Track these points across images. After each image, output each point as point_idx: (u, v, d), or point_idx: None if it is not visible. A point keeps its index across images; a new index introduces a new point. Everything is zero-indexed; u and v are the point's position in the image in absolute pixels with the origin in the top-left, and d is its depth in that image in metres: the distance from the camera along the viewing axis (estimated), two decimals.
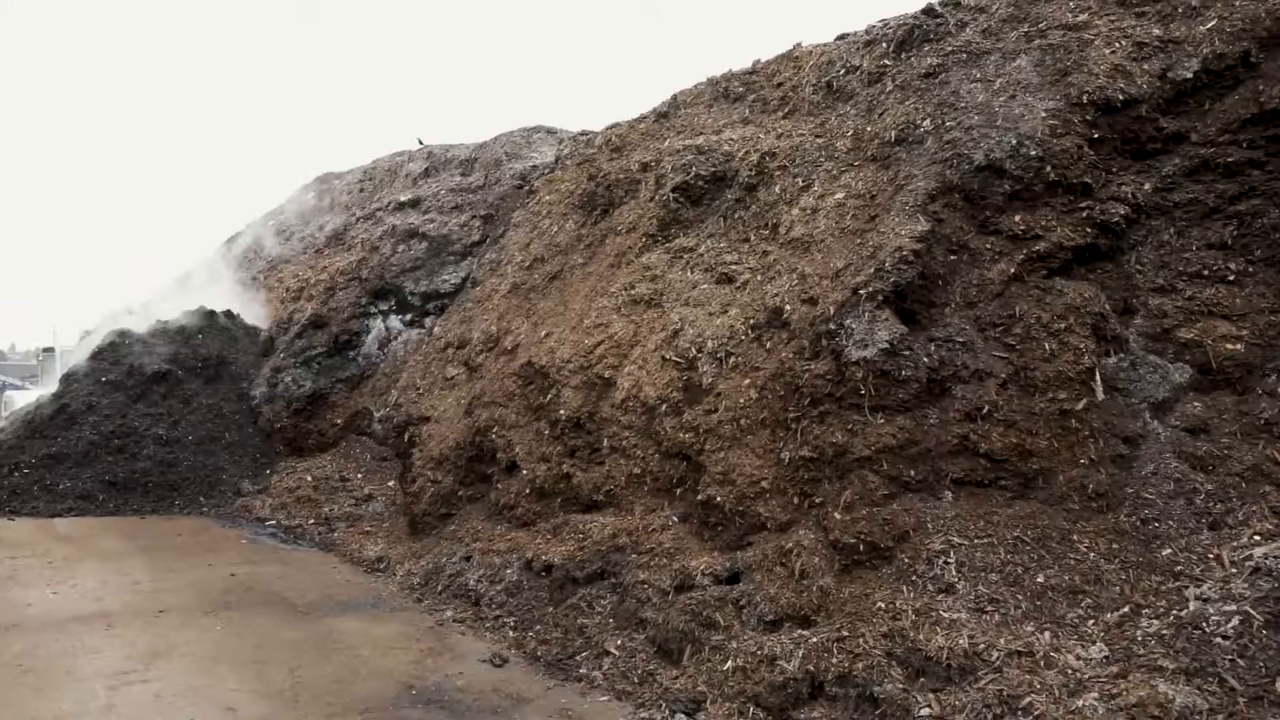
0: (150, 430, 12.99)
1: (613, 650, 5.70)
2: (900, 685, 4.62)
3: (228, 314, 15.69)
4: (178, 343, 14.44)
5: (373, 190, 19.41)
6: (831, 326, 6.03)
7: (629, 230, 9.40)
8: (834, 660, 4.84)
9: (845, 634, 4.97)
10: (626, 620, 5.93)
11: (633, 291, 8.30)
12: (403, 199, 16.91)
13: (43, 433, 12.93)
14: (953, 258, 6.16)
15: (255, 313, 16.44)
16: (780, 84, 9.86)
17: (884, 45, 8.42)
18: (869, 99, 8.09)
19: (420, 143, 19.60)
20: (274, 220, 22.21)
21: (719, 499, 6.32)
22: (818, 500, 5.73)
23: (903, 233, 6.17)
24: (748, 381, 6.70)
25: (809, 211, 7.45)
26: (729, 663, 5.18)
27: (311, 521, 10.70)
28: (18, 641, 6.05)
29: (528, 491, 7.80)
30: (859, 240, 6.67)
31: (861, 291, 5.99)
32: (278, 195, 23.72)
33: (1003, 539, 5.17)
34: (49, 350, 26.18)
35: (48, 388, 18.75)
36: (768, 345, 6.82)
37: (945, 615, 4.82)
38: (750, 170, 8.51)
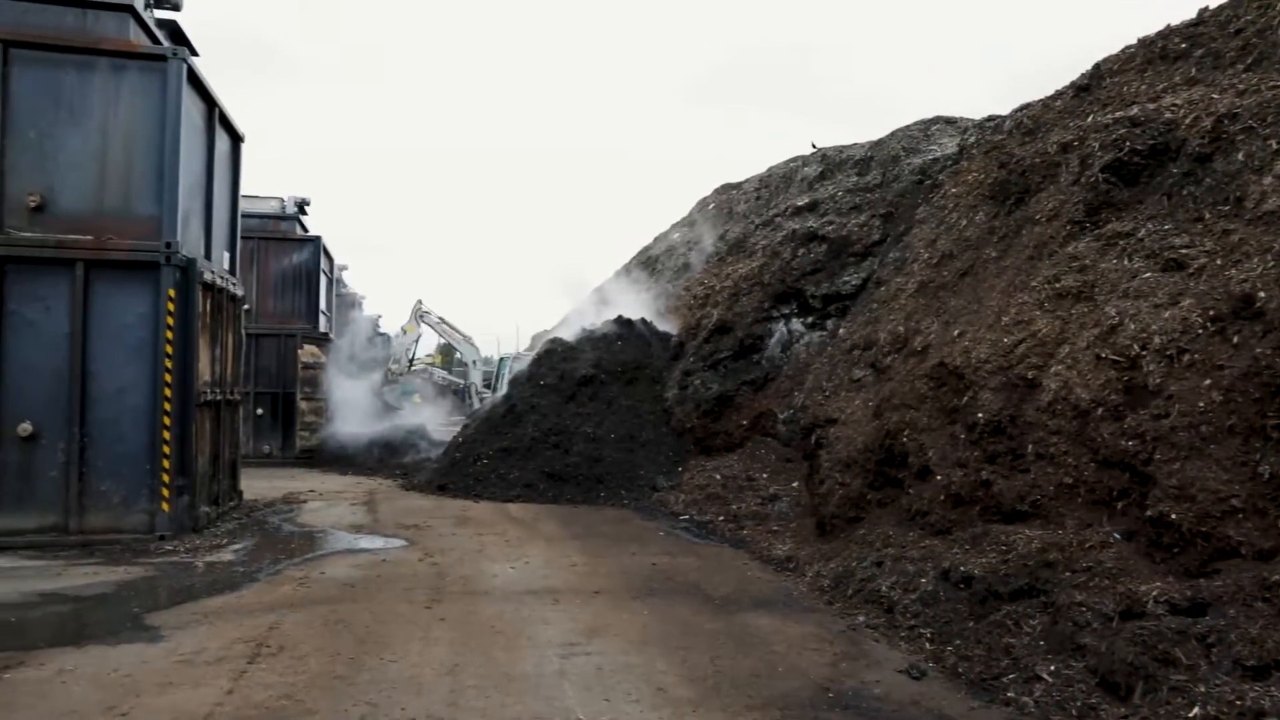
0: (579, 428, 14.48)
1: (1045, 676, 5.19)
2: None
3: (643, 322, 17.00)
4: (600, 349, 15.95)
5: (769, 197, 19.91)
6: None
7: (1049, 218, 8.59)
8: None
9: None
10: (1060, 644, 5.37)
11: (1058, 284, 7.56)
12: (800, 203, 17.11)
13: (497, 429, 15.01)
14: None
15: (666, 320, 17.64)
16: (1239, 30, 8.41)
17: None
18: None
19: (814, 147, 19.73)
20: (679, 232, 23.72)
21: (1174, 516, 5.50)
22: None
23: None
24: (1208, 382, 5.77)
25: None
26: (1195, 709, 4.46)
27: (721, 518, 11.19)
28: (489, 607, 7.04)
29: (942, 498, 7.43)
30: None
31: None
32: (682, 208, 25.26)
33: None
34: (503, 359, 30.57)
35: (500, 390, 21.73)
36: (1234, 340, 5.82)
37: None
38: (1202, 138, 7.35)
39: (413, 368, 24.50)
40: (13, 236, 9.45)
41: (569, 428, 14.50)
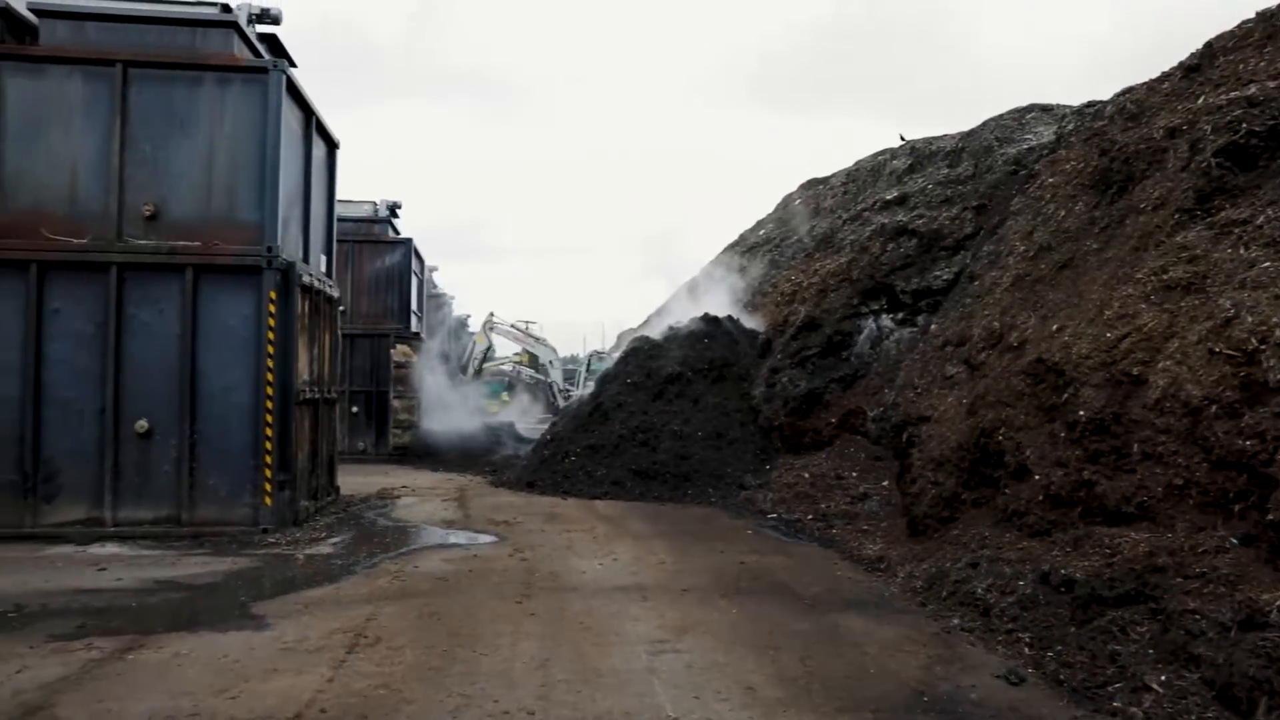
0: (666, 426, 14.50)
1: (1155, 687, 4.96)
2: None
3: (729, 319, 16.92)
4: (686, 347, 15.94)
5: (856, 191, 19.57)
6: None
7: (1155, 207, 8.21)
8: None
9: None
10: (1171, 653, 5.12)
11: (1165, 276, 7.21)
12: (888, 197, 16.79)
13: (585, 426, 15.14)
14: None
15: (752, 317, 17.52)
16: None
17: None
18: None
19: (902, 139, 19.33)
20: (765, 229, 23.53)
21: None
22: None
23: None
24: None
25: None
26: None
27: (810, 517, 11.05)
28: (578, 602, 7.10)
29: (1040, 498, 7.17)
30: None
31: None
32: (768, 204, 25.06)
33: None
34: (599, 353, 30.94)
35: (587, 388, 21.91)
36: None
37: None
38: None
39: (480, 375, 24.98)
40: (130, 244, 9.97)
41: (656, 425, 14.53)
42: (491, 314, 26.81)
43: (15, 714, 4.64)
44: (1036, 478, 7.31)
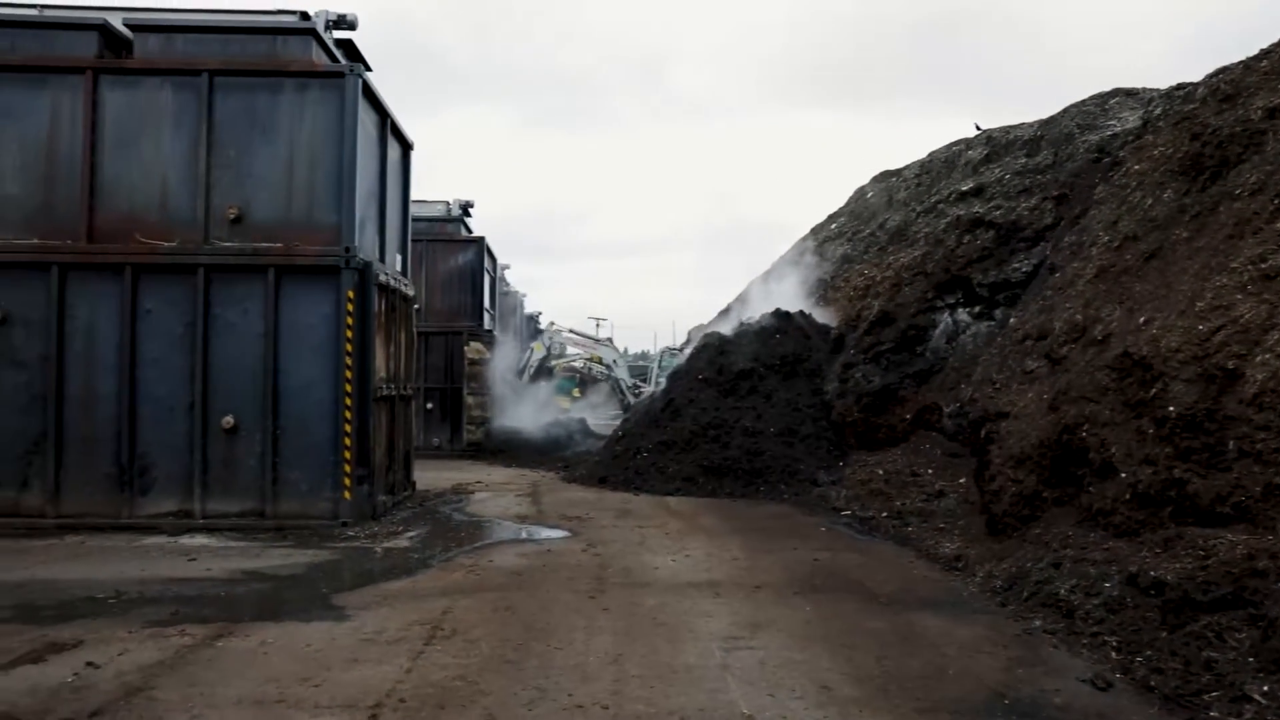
0: (738, 422, 14.42)
1: (1257, 697, 4.74)
2: None
3: (801, 314, 16.75)
4: (758, 343, 15.82)
5: (930, 183, 19.18)
6: None
7: (1253, 193, 7.85)
8: None
9: None
10: (1275, 662, 4.89)
11: (1264, 265, 6.90)
12: (964, 188, 16.42)
13: (657, 423, 15.16)
14: None
15: (825, 312, 17.31)
16: None
17: None
18: None
19: (978, 129, 18.87)
20: (836, 223, 23.22)
21: None
22: None
23: None
24: None
25: None
26: None
27: (884, 514, 10.87)
28: (651, 598, 7.11)
29: (1127, 497, 6.92)
30: None
31: None
32: (839, 198, 24.70)
33: None
34: (672, 349, 31.05)
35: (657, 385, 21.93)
36: None
37: None
38: None
39: (536, 381, 25.27)
40: (216, 247, 10.33)
41: (727, 422, 14.47)
42: (551, 323, 27.31)
43: (118, 694, 4.85)
44: (1123, 476, 7.06)
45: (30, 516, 10.12)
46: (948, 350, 13.56)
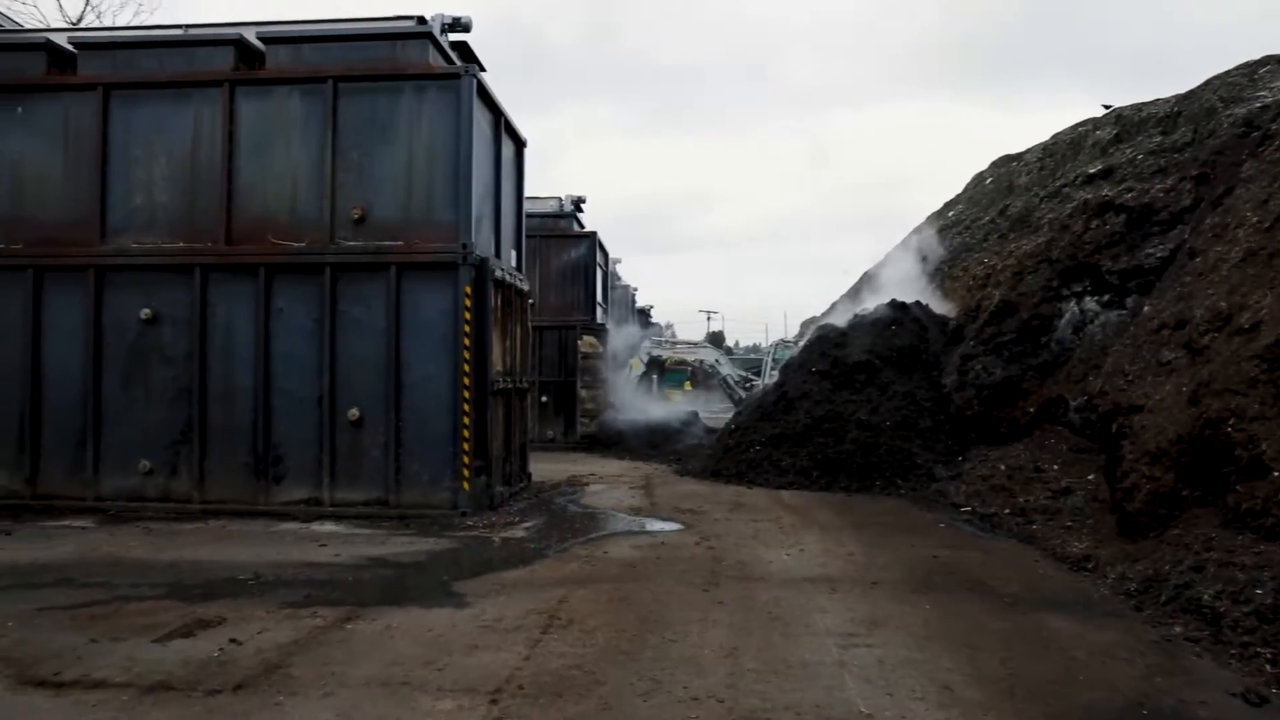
0: (853, 415, 14.14)
1: None
2: None
3: (917, 304, 16.30)
4: (873, 334, 15.47)
5: (1054, 167, 18.36)
6: None
7: None
8: None
9: None
10: None
11: None
12: (1091, 171, 15.67)
13: (769, 416, 15.01)
14: None
15: (942, 302, 16.80)
16: None
17: None
18: None
19: (1106, 108, 17.96)
20: (953, 210, 22.50)
21: None
22: None
23: None
24: None
25: None
26: None
27: (1007, 511, 10.47)
28: (765, 593, 7.06)
29: None
30: None
31: None
32: (957, 184, 23.91)
33: None
34: (786, 341, 30.93)
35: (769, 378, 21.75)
36: None
37: None
38: None
39: (643, 376, 25.53)
40: (342, 246, 10.79)
41: (842, 415, 14.21)
42: (646, 338, 27.66)
43: (258, 670, 5.15)
44: (1276, 474, 6.59)
45: (179, 501, 10.84)
46: (1074, 341, 12.93)
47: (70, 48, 11.70)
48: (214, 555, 8.46)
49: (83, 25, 24.78)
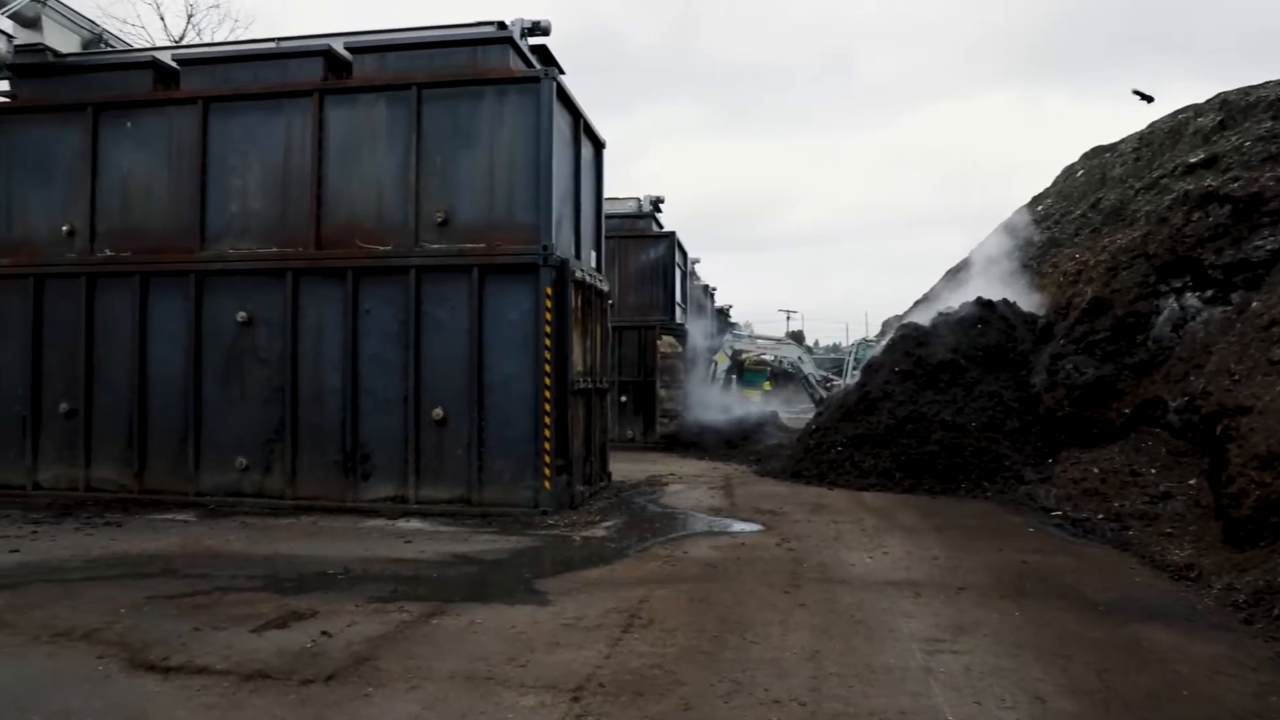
0: (937, 416, 13.82)
1: None
2: None
3: (1004, 302, 15.86)
4: (958, 333, 15.09)
5: (1151, 157, 17.64)
6: None
7: None
8: None
9: None
10: None
11: None
12: (1192, 160, 14.98)
13: (851, 416, 14.78)
14: None
15: (1030, 299, 16.30)
16: None
17: None
18: None
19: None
20: (1042, 204, 21.81)
21: None
22: None
23: None
24: None
25: None
26: None
27: (1100, 516, 10.10)
28: (848, 595, 6.96)
29: None
30: None
31: None
32: (1046, 177, 23.17)
33: None
34: (868, 341, 30.59)
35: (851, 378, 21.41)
36: None
37: None
38: None
39: (720, 379, 25.48)
40: (426, 249, 11.03)
41: (926, 415, 13.90)
42: (729, 333, 27.51)
43: (348, 662, 5.30)
44: None
45: (273, 498, 11.24)
46: (1173, 339, 12.38)
47: (173, 64, 12.25)
48: (306, 550, 8.75)
49: (184, 43, 25.94)
